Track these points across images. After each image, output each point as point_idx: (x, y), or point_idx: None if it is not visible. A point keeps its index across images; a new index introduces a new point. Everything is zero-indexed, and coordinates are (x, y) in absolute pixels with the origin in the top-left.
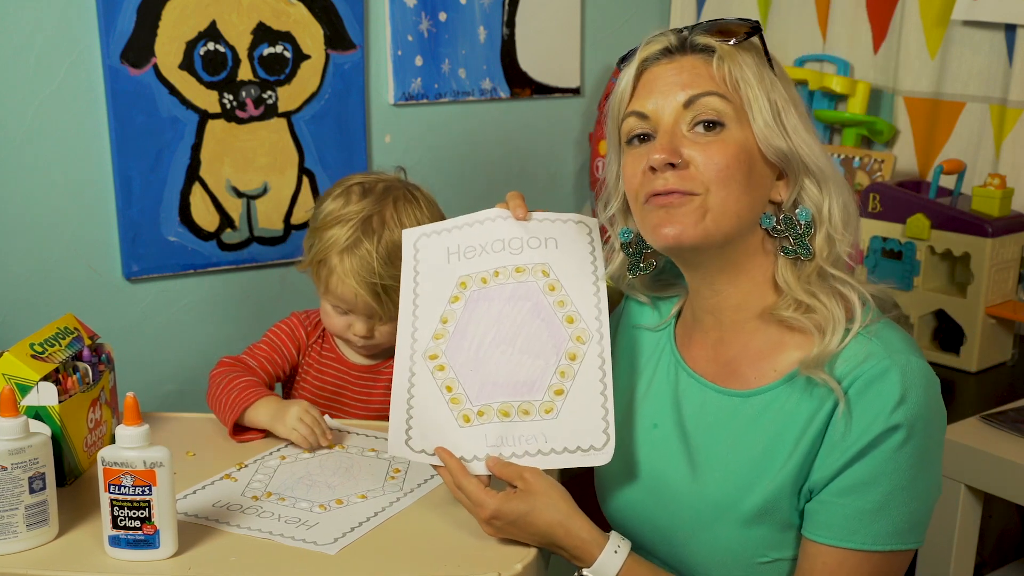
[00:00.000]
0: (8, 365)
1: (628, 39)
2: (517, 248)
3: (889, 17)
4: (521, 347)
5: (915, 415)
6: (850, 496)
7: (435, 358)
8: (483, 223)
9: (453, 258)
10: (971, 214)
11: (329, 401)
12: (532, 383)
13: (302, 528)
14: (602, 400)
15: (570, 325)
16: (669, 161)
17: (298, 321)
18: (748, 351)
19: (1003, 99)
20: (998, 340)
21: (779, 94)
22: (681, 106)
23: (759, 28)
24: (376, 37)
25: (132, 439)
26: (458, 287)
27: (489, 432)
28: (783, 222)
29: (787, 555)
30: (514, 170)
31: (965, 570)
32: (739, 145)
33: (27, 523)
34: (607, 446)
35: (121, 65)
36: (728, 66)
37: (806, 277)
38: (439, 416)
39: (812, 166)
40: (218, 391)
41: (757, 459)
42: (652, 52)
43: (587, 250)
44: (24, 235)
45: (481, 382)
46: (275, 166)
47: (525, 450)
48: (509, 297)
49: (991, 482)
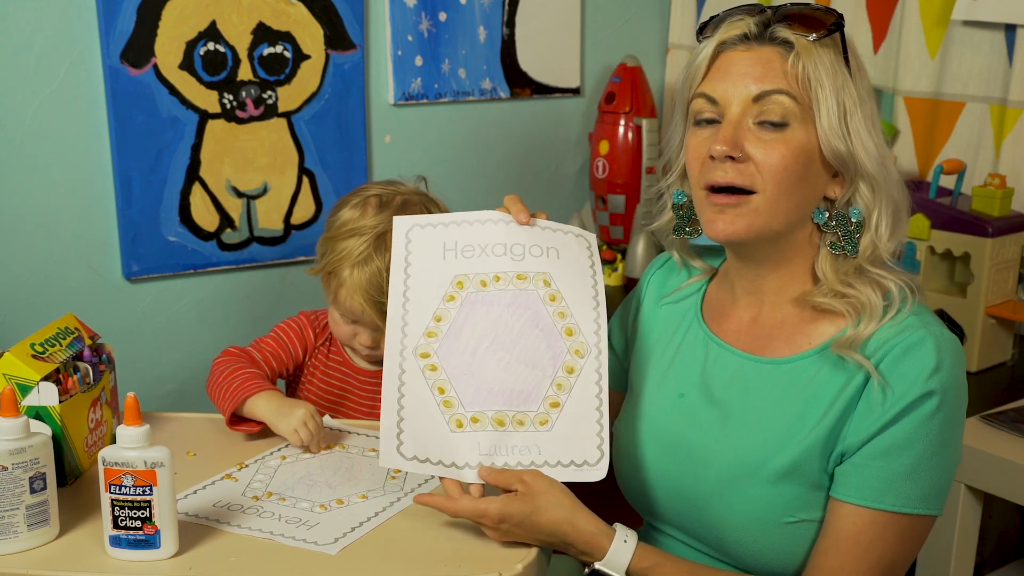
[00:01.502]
0: (9, 365)
1: (628, 39)
2: (519, 254)
3: (889, 17)
4: (518, 356)
5: (947, 384)
6: (883, 459)
7: (427, 356)
8: (484, 224)
9: (449, 255)
10: (971, 214)
11: (334, 404)
12: (528, 393)
13: (303, 528)
14: (597, 416)
15: (569, 337)
16: (730, 155)
17: (307, 321)
18: (783, 328)
19: (1003, 99)
20: (998, 340)
21: (849, 94)
22: (751, 99)
23: (842, 23)
24: (376, 37)
25: (133, 439)
26: (454, 286)
27: (482, 440)
28: (835, 218)
29: (813, 516)
30: (514, 170)
31: (965, 570)
32: (800, 145)
33: (28, 523)
34: (600, 462)
35: (121, 65)
36: (803, 63)
37: (844, 271)
38: (430, 419)
39: (868, 171)
40: (220, 378)
41: (789, 422)
42: (731, 36)
43: (587, 263)
44: (24, 235)
45: (476, 388)
46: (275, 166)
47: (518, 460)
48: (509, 303)
49: (991, 482)
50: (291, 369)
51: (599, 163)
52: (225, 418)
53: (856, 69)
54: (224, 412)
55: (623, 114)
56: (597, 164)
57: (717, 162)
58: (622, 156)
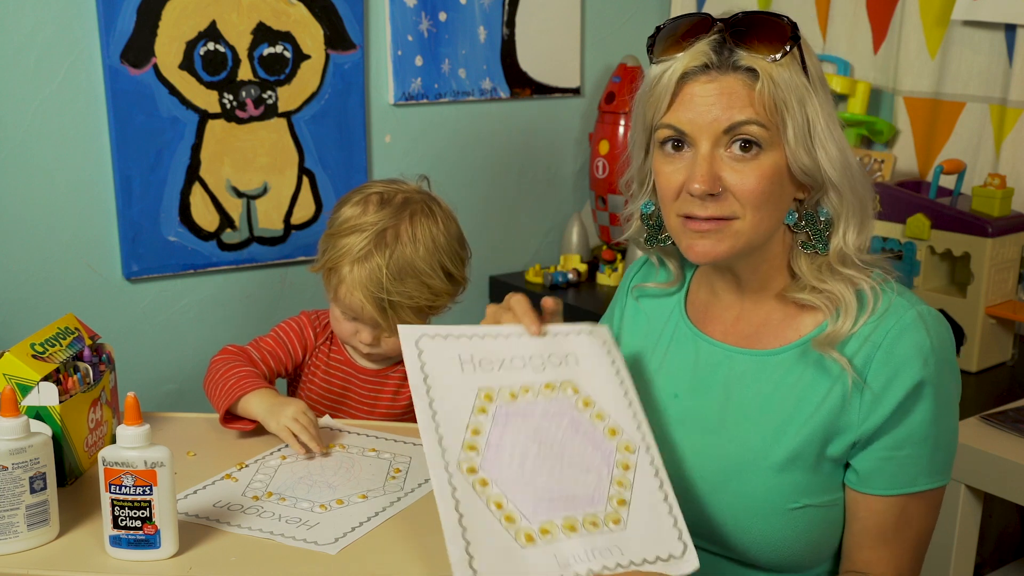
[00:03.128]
0: (9, 365)
1: (628, 39)
2: (539, 366)
3: (889, 17)
4: (568, 462)
5: (943, 358)
6: (908, 447)
7: (474, 471)
8: (495, 338)
9: (467, 367)
10: (971, 214)
11: (335, 403)
12: (591, 496)
13: (303, 528)
14: (667, 508)
15: (613, 437)
16: (709, 192)
17: (307, 320)
18: (769, 323)
19: (1003, 99)
20: (998, 340)
21: (811, 105)
22: (720, 131)
23: (798, 35)
24: (376, 37)
25: (133, 439)
26: (482, 398)
27: (558, 551)
28: (804, 218)
29: (816, 501)
30: (514, 170)
31: (965, 570)
32: (772, 166)
33: (28, 523)
34: (687, 554)
35: (121, 65)
36: (769, 90)
37: (818, 267)
38: (497, 537)
39: (833, 181)
40: (216, 376)
41: (787, 410)
42: (692, 66)
43: (608, 361)
44: (24, 235)
45: (535, 498)
46: (275, 166)
47: (603, 564)
48: (543, 413)
49: (991, 482)
50: (290, 369)
51: (599, 163)
52: (219, 416)
53: (814, 76)
54: (218, 410)
55: (623, 114)
56: (597, 164)
57: (696, 199)
58: (622, 156)
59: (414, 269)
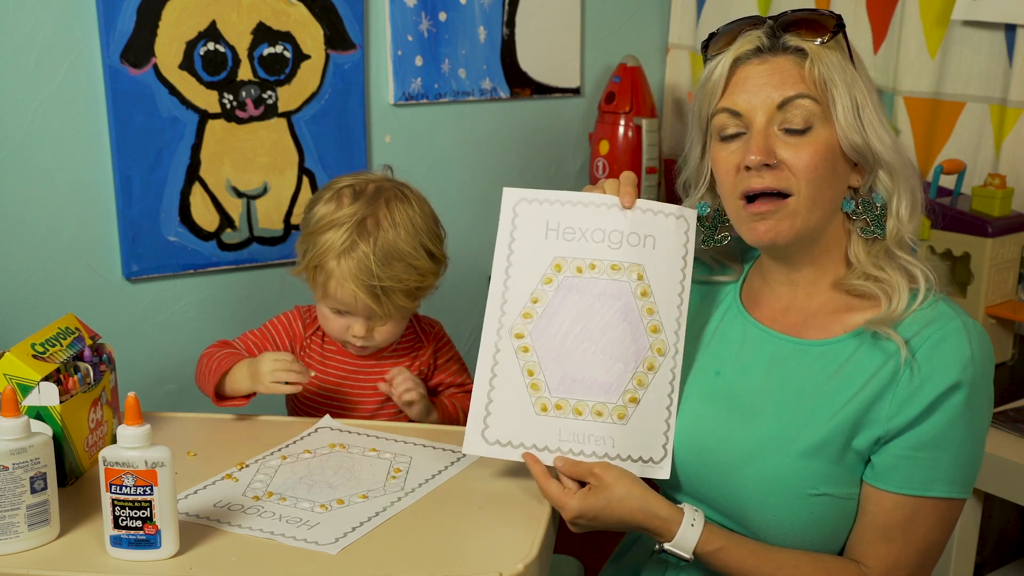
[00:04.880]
0: (9, 365)
1: (628, 39)
2: (616, 242)
3: (889, 17)
4: (604, 347)
5: (981, 371)
6: (930, 450)
7: (520, 337)
8: (587, 206)
9: (552, 235)
10: (971, 214)
11: (333, 394)
12: (609, 385)
13: (303, 528)
14: (667, 415)
15: (653, 335)
16: (765, 163)
17: (297, 314)
18: (818, 315)
19: (1003, 99)
20: (998, 340)
21: (859, 89)
22: (774, 107)
23: (843, 23)
24: (376, 37)
25: (133, 439)
26: (552, 268)
27: (563, 427)
28: (862, 205)
29: (834, 491)
30: (514, 170)
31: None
32: (826, 144)
33: (28, 523)
34: (664, 460)
35: (121, 65)
36: (818, 68)
37: (875, 254)
38: (517, 400)
39: (884, 159)
40: (202, 367)
41: (821, 399)
42: (744, 51)
43: (680, 253)
44: (24, 235)
45: (563, 375)
46: (275, 166)
47: (593, 451)
48: (601, 293)
49: (991, 482)
50: None
51: (599, 163)
52: (211, 399)
53: (859, 63)
54: (208, 394)
55: (623, 114)
56: (597, 164)
57: (752, 171)
58: (622, 156)
59: (399, 252)
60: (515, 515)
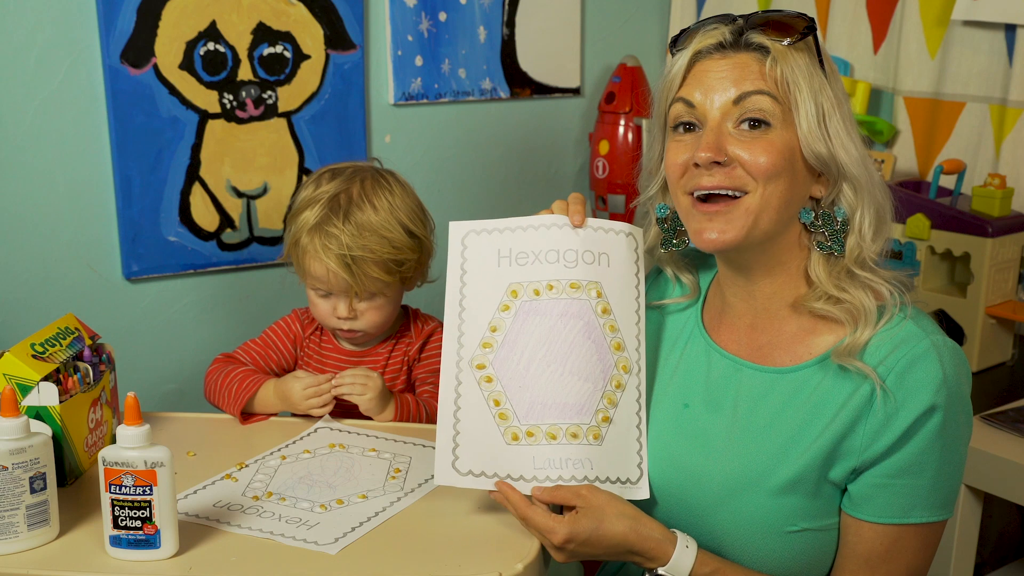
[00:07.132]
0: (9, 365)
1: (628, 39)
2: (572, 261)
3: (889, 17)
4: (571, 368)
5: (955, 391)
6: (906, 477)
7: (482, 368)
8: (537, 228)
9: (504, 262)
10: (971, 214)
11: None
12: (581, 407)
13: (303, 528)
14: (637, 434)
15: (617, 352)
16: (715, 160)
17: (296, 316)
18: (782, 336)
19: (1003, 99)
20: (998, 340)
21: (827, 96)
22: (731, 102)
23: (815, 26)
24: (376, 37)
25: (133, 439)
26: (508, 295)
27: (537, 455)
28: (821, 217)
29: (813, 525)
30: (514, 170)
31: (965, 570)
32: (784, 145)
33: (28, 523)
34: (640, 481)
35: (121, 65)
36: (780, 67)
37: (836, 273)
38: (486, 432)
39: (849, 172)
40: (218, 387)
41: (793, 432)
42: (706, 45)
43: (633, 271)
44: (24, 235)
45: (531, 401)
46: (275, 166)
47: (572, 475)
48: (562, 314)
49: (991, 482)
50: (284, 368)
51: (599, 163)
52: (238, 419)
53: (830, 71)
54: (233, 414)
55: (623, 114)
56: (597, 164)
57: (702, 169)
58: (622, 156)
59: (370, 224)
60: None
